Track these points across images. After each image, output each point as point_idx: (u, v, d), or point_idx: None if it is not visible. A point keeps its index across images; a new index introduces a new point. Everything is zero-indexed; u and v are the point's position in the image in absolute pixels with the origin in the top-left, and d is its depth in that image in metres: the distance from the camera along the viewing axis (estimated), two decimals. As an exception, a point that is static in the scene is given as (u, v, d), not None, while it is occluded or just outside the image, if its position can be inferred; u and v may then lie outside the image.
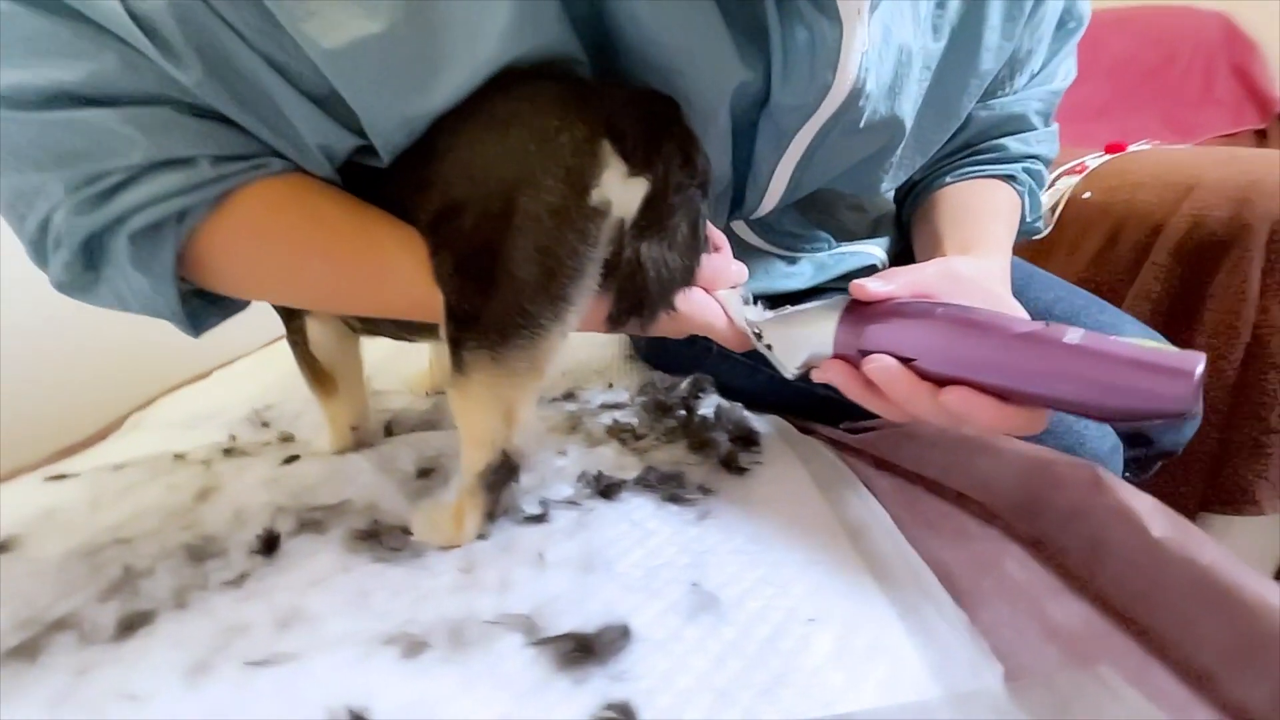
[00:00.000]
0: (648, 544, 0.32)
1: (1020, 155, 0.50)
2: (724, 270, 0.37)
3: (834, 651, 0.25)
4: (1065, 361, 0.25)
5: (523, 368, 0.31)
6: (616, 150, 0.29)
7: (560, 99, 0.30)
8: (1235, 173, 0.72)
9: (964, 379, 0.27)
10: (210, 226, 0.30)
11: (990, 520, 0.35)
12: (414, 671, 0.24)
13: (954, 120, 0.45)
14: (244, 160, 0.29)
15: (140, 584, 0.30)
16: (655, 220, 0.31)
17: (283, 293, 0.35)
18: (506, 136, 0.29)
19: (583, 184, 0.29)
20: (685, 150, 0.31)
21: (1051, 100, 0.50)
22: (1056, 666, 0.24)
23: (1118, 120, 1.36)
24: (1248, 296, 0.67)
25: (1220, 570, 0.25)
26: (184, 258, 0.30)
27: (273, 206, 0.31)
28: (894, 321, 0.30)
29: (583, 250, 0.29)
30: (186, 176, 0.28)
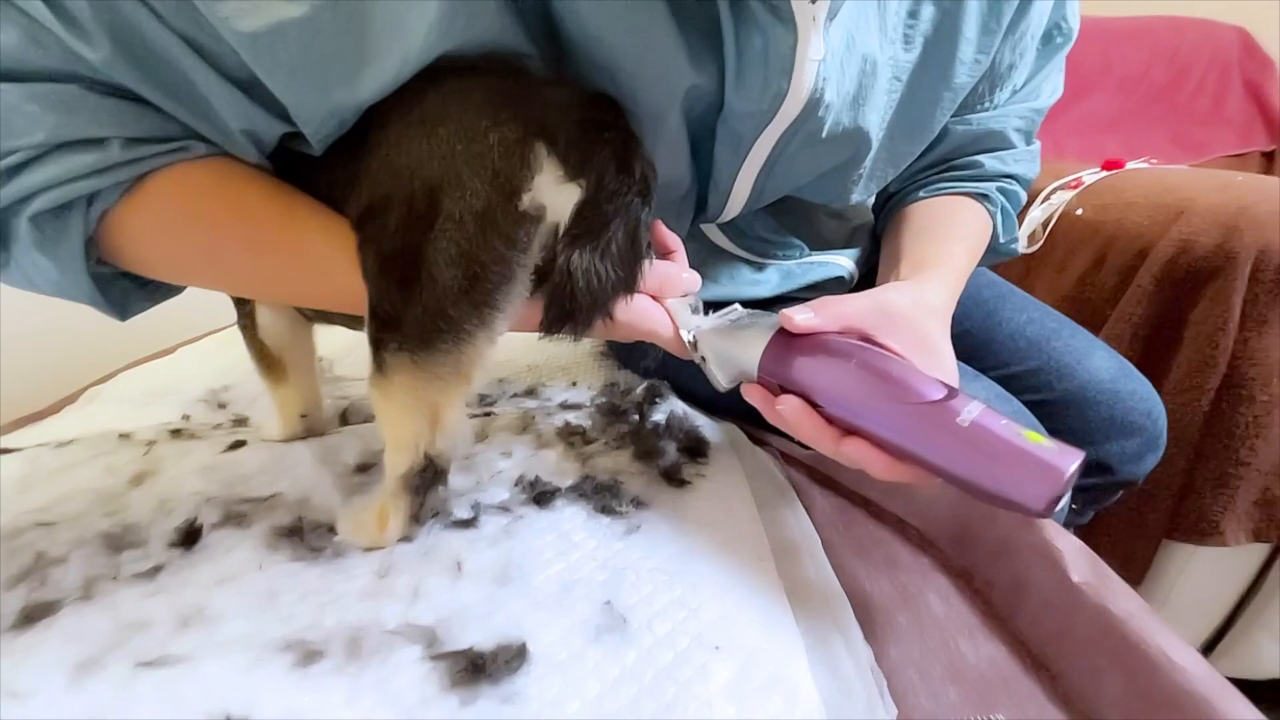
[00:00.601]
0: (570, 557, 0.32)
1: (996, 174, 0.48)
2: (673, 279, 0.36)
3: (732, 682, 0.25)
4: (950, 439, 0.26)
5: (446, 373, 0.30)
6: (552, 154, 0.28)
7: (492, 97, 0.28)
8: (1228, 199, 0.70)
9: (862, 431, 0.29)
10: (124, 212, 0.28)
11: (924, 549, 0.35)
12: (302, 681, 0.24)
13: (927, 134, 0.44)
14: (161, 143, 0.28)
15: (50, 572, 0.30)
16: (588, 229, 0.30)
17: (205, 280, 0.34)
18: (434, 134, 0.28)
19: (511, 188, 0.27)
20: (622, 156, 0.30)
21: (1033, 118, 0.48)
22: (954, 710, 0.24)
23: (1124, 135, 1.33)
24: (1228, 327, 0.66)
25: (1131, 621, 0.25)
26: (99, 243, 0.29)
27: (192, 192, 0.29)
28: (814, 358, 0.30)
29: (510, 256, 0.28)
30: (95, 158, 0.26)
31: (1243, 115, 1.36)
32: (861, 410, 0.28)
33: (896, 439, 0.27)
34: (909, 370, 0.29)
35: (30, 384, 0.67)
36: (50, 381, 0.65)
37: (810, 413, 0.30)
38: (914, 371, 0.29)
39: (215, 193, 0.30)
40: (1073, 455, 0.24)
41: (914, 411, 0.27)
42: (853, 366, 0.29)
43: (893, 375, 0.28)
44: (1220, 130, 1.35)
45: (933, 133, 0.44)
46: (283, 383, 0.45)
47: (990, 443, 0.25)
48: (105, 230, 0.29)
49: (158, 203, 0.29)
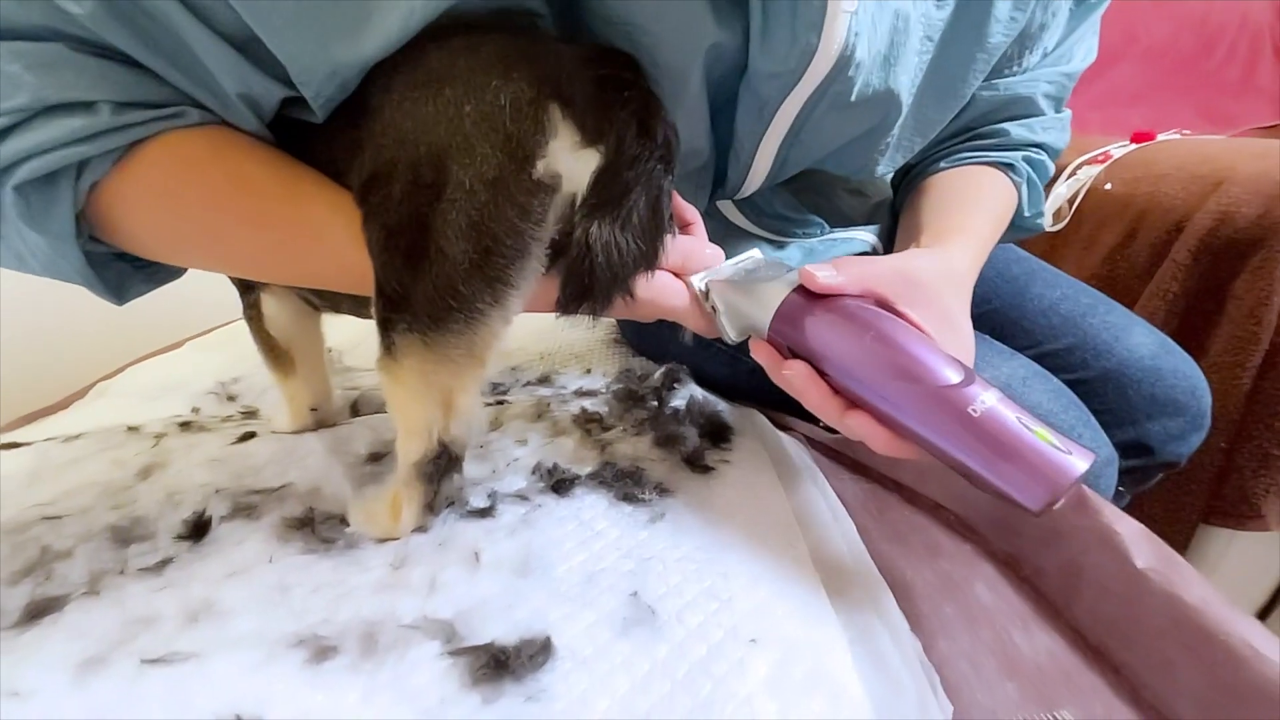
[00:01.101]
0: (592, 546, 0.30)
1: (1023, 142, 0.46)
2: (696, 253, 0.34)
3: (771, 677, 0.23)
4: (959, 427, 0.25)
5: (459, 355, 0.28)
6: (567, 116, 0.26)
7: (503, 53, 0.26)
8: (1270, 166, 0.67)
9: (869, 406, 0.28)
10: (116, 183, 0.27)
11: (965, 535, 0.33)
12: (316, 679, 0.23)
13: (958, 100, 0.41)
14: (154, 109, 0.26)
15: (55, 567, 0.29)
16: (607, 198, 0.27)
17: (204, 258, 0.32)
18: (440, 95, 0.26)
19: (525, 154, 0.25)
20: (643, 118, 0.28)
21: (1064, 84, 0.45)
22: (1014, 707, 0.22)
23: (1150, 108, 1.28)
24: (1271, 301, 0.63)
25: (1206, 610, 0.23)
26: (90, 218, 0.28)
27: (188, 162, 0.27)
28: (830, 324, 0.29)
29: (524, 228, 0.26)
30: (83, 123, 0.25)
31: (1276, 85, 1.31)
32: (872, 385, 0.27)
33: (904, 419, 0.27)
34: (927, 348, 0.28)
35: (38, 380, 0.67)
36: (58, 377, 0.65)
37: (817, 380, 0.29)
38: (932, 349, 0.28)
39: (212, 163, 0.28)
40: (1080, 460, 0.24)
41: (927, 394, 0.26)
42: (869, 339, 0.28)
43: (909, 352, 0.27)
44: (1252, 101, 1.29)
45: (964, 98, 0.41)
46: (291, 375, 0.44)
47: (999, 436, 0.24)
48: (96, 203, 0.27)
49: (151, 173, 0.27)
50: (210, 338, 0.69)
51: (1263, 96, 1.30)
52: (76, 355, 0.70)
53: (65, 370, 0.67)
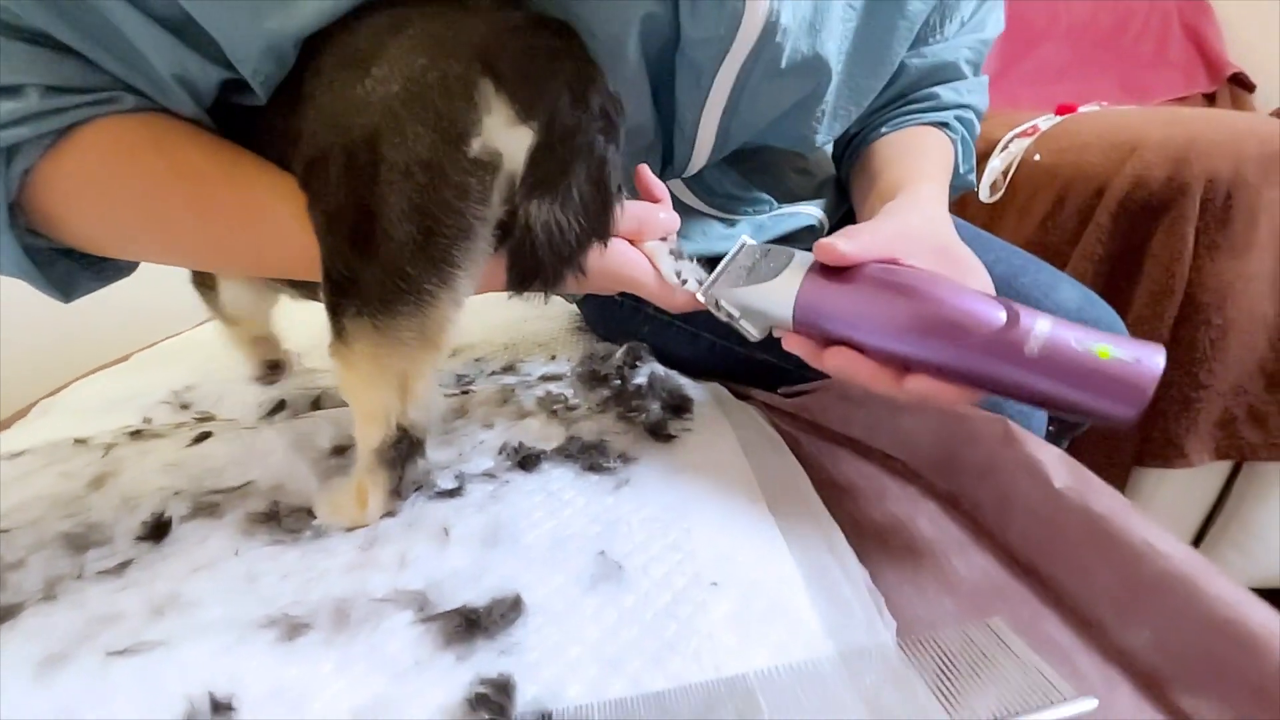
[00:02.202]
0: (560, 515, 0.31)
1: (952, 103, 0.49)
2: (650, 220, 0.35)
3: (732, 614, 0.25)
4: (1022, 369, 0.25)
5: (410, 338, 0.28)
6: (500, 91, 0.26)
7: (429, 30, 0.26)
8: (1177, 132, 0.72)
9: (924, 367, 0.27)
10: (50, 170, 0.26)
11: (911, 479, 0.35)
12: (288, 655, 0.23)
13: (887, 66, 0.43)
14: (85, 94, 0.26)
15: (8, 577, 0.28)
16: (544, 177, 0.27)
17: (147, 248, 0.31)
18: (368, 75, 0.25)
19: (456, 132, 0.25)
20: (577, 88, 0.28)
21: (980, 49, 0.49)
22: (951, 619, 0.24)
23: (1075, 83, 1.36)
24: (1183, 255, 0.68)
25: (1112, 518, 0.25)
26: (26, 209, 0.27)
27: (124, 148, 0.27)
28: (861, 296, 0.29)
29: (464, 208, 0.26)
30: (10, 107, 0.24)
31: (1184, 59, 1.40)
32: (923, 346, 0.27)
33: (965, 374, 0.26)
34: (967, 295, 0.27)
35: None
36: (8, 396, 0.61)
37: (862, 359, 0.29)
38: (972, 295, 0.27)
39: (151, 148, 0.27)
40: (1151, 362, 0.24)
41: (979, 345, 0.26)
42: (908, 301, 0.27)
43: (953, 304, 0.27)
44: (1164, 73, 1.38)
45: (892, 65, 0.44)
46: (245, 341, 0.45)
47: (1064, 368, 0.24)
48: (31, 192, 0.27)
49: (86, 160, 0.26)
50: (159, 350, 0.67)
51: (1174, 69, 1.39)
52: (16, 373, 0.67)
53: (4, 390, 0.64)
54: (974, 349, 0.26)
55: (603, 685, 0.22)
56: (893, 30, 0.41)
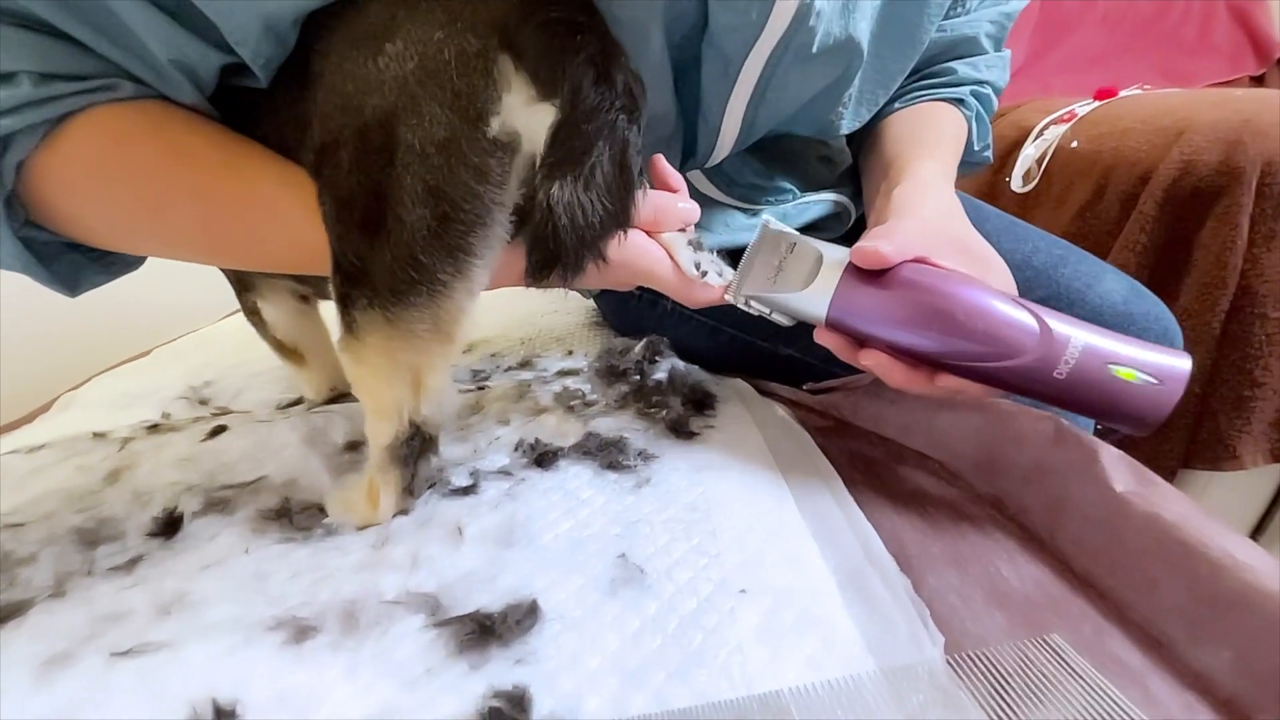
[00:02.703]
0: (578, 514, 0.30)
1: (969, 79, 0.47)
2: (669, 210, 0.33)
3: (762, 624, 0.23)
4: (1050, 389, 0.27)
5: (423, 330, 0.27)
6: (520, 68, 0.25)
7: (444, 4, 0.25)
8: (1228, 114, 0.68)
9: (957, 370, 0.29)
10: (46, 159, 0.25)
11: (951, 481, 0.33)
12: (295, 659, 0.22)
13: (916, 47, 0.41)
14: (80, 81, 0.25)
15: (19, 572, 0.27)
16: (567, 156, 0.26)
17: (149, 240, 0.30)
18: (381, 53, 0.24)
19: (476, 111, 0.24)
20: (601, 64, 0.26)
21: (1004, 23, 0.47)
22: (1003, 634, 0.22)
23: (1112, 70, 1.30)
24: (1236, 245, 0.64)
25: (1185, 526, 0.23)
26: (24, 200, 0.26)
27: (122, 136, 0.26)
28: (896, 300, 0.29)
29: (483, 191, 0.25)
30: (3, 95, 0.23)
31: (1230, 42, 1.33)
32: (958, 356, 0.28)
33: (996, 382, 0.29)
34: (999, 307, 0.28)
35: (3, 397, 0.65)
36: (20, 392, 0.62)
37: (895, 361, 0.29)
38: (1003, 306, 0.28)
39: (150, 136, 0.27)
40: (1175, 381, 0.26)
41: (1016, 367, 0.27)
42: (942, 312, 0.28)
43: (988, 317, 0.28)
44: (1208, 58, 1.32)
45: (921, 45, 0.41)
46: (304, 366, 0.44)
47: (1090, 390, 0.27)
48: (28, 183, 0.26)
49: (83, 149, 0.26)
50: (179, 345, 0.67)
51: (1219, 54, 1.33)
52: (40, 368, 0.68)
53: (28, 384, 0.65)
54: (1010, 369, 0.28)
55: (624, 700, 0.20)
56: (922, 10, 0.39)
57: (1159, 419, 0.26)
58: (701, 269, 0.34)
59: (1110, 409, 0.27)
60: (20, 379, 0.69)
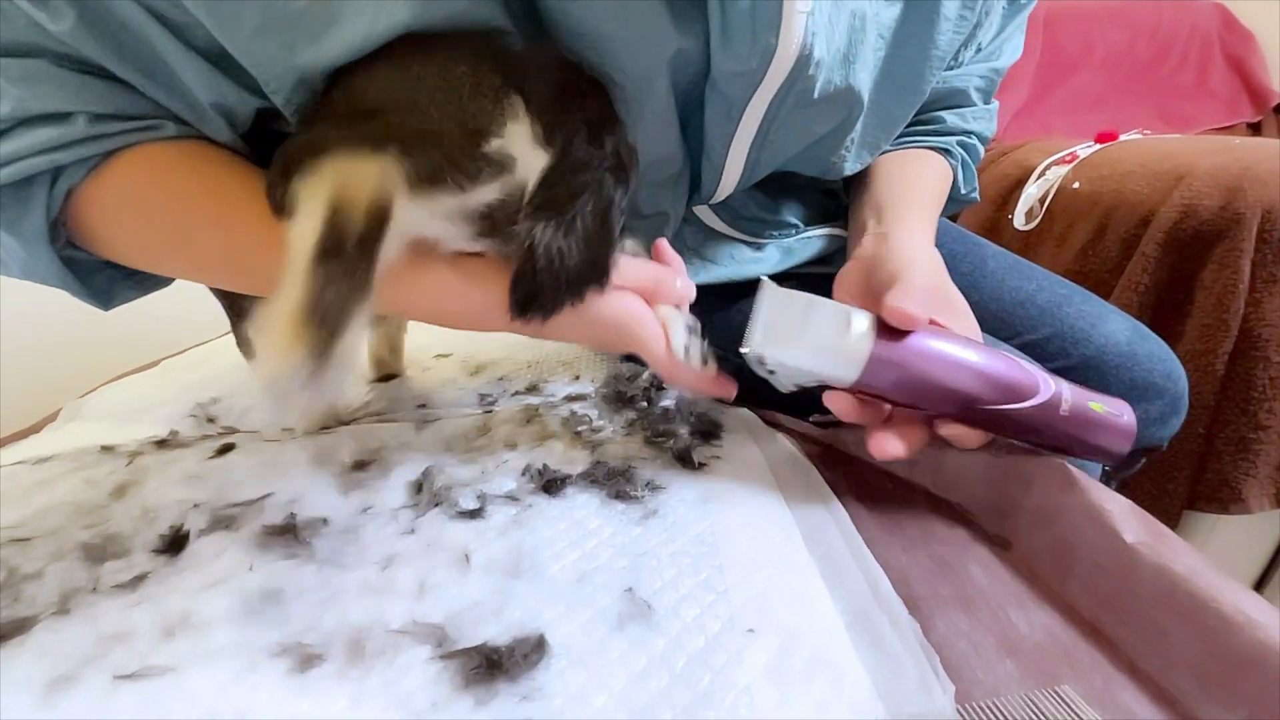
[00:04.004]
0: (585, 545, 0.30)
1: (957, 130, 0.49)
2: (667, 283, 0.35)
3: (771, 665, 0.23)
4: (1052, 429, 0.31)
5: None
6: (529, 111, 0.27)
7: (477, 50, 0.27)
8: (1228, 161, 0.70)
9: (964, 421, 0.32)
10: (92, 190, 0.28)
11: (958, 521, 0.33)
12: (301, 688, 0.22)
13: (919, 95, 0.42)
14: (130, 120, 0.27)
15: (24, 588, 0.27)
16: (551, 200, 0.28)
17: (178, 263, 0.32)
18: (406, 68, 0.26)
19: (476, 126, 0.26)
20: (596, 127, 0.29)
21: (993, 78, 0.49)
22: (1015, 684, 0.22)
23: (1111, 112, 1.34)
24: (1238, 289, 0.65)
25: (1195, 580, 0.23)
26: (68, 224, 0.28)
27: (162, 170, 0.28)
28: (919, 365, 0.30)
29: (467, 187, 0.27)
30: (59, 133, 0.26)
31: (1227, 88, 1.37)
32: (976, 413, 0.31)
33: (1002, 429, 0.32)
34: (1006, 363, 0.31)
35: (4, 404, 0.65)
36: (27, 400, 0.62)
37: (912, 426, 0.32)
38: (1008, 362, 0.31)
39: (186, 169, 0.29)
40: (1129, 415, 0.32)
41: (1025, 413, 0.30)
42: (967, 374, 0.30)
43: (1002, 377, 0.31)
44: (1206, 103, 1.35)
45: (923, 94, 0.43)
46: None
47: (1083, 425, 0.31)
48: (73, 210, 0.28)
49: (126, 181, 0.28)
50: (186, 357, 0.68)
51: (1216, 100, 1.36)
52: (46, 377, 0.68)
53: (34, 393, 0.65)
54: (1026, 410, 0.30)
55: (632, 741, 0.20)
56: (925, 60, 0.40)
57: (1130, 446, 0.31)
58: (690, 352, 0.35)
59: (1098, 441, 0.31)
60: (25, 388, 0.69)
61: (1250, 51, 1.37)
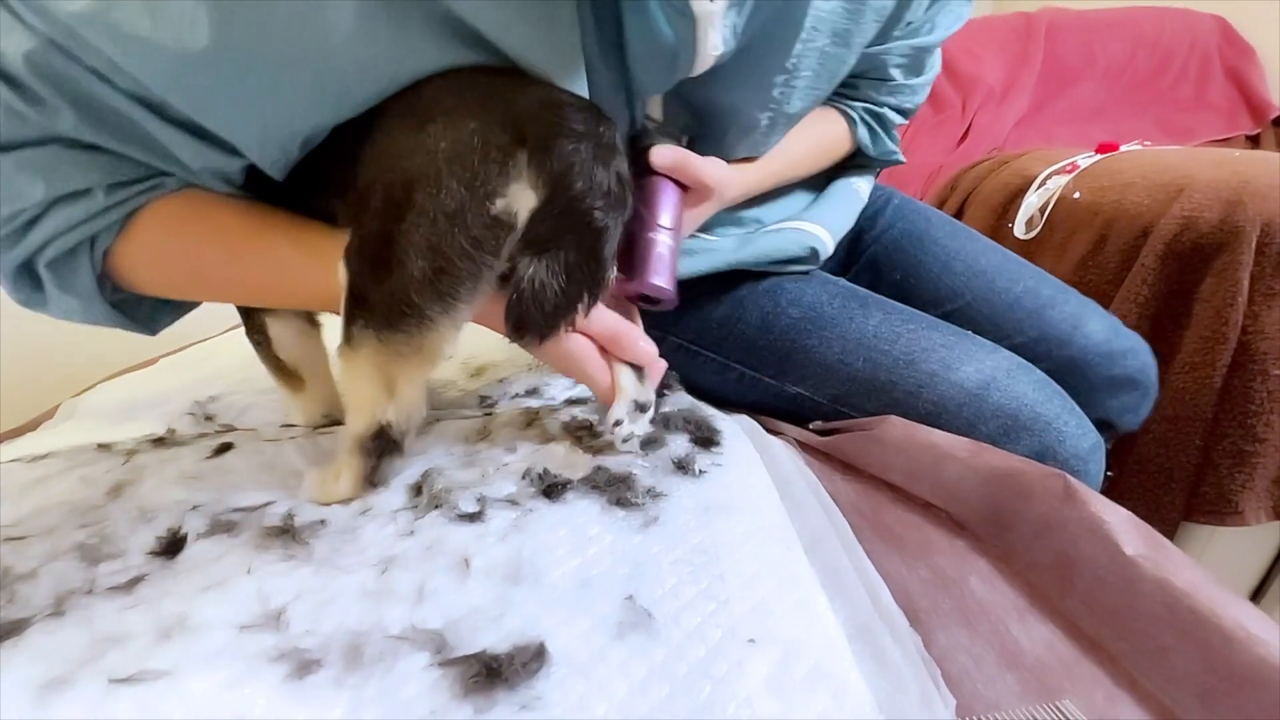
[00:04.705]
0: (585, 552, 0.30)
1: (868, 99, 0.52)
2: (627, 340, 0.36)
3: (772, 677, 0.23)
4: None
5: (407, 351, 0.31)
6: (531, 163, 0.29)
7: (484, 99, 0.29)
8: (1228, 174, 0.70)
9: None
10: (122, 247, 0.33)
11: (958, 532, 0.33)
12: (298, 694, 0.21)
13: (854, 46, 0.43)
14: (138, 183, 0.32)
15: (17, 589, 0.27)
16: (537, 239, 0.30)
17: (196, 293, 0.38)
18: (423, 129, 0.29)
19: (485, 191, 0.28)
20: (590, 167, 0.29)
21: (917, 55, 0.50)
22: (1016, 699, 0.22)
23: (1112, 123, 1.34)
24: (1236, 301, 0.65)
25: (1196, 594, 0.23)
26: (110, 275, 0.34)
27: (174, 221, 0.33)
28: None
29: (477, 256, 0.29)
30: (84, 207, 0.31)
31: (1226, 101, 1.38)
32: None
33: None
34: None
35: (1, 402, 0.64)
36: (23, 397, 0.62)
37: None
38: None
39: (194, 219, 0.34)
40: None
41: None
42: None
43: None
44: (1205, 115, 1.36)
45: (860, 40, 0.43)
46: (301, 390, 0.46)
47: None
48: (111, 265, 0.34)
49: (147, 235, 0.33)
50: (183, 355, 0.67)
51: (1215, 112, 1.37)
52: (44, 374, 0.68)
53: (30, 390, 0.64)
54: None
55: (632, 752, 0.20)
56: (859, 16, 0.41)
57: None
58: (620, 428, 0.36)
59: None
60: (23, 384, 0.68)
61: (1250, 64, 1.38)
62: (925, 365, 0.44)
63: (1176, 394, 0.69)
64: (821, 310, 0.48)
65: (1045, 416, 0.42)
